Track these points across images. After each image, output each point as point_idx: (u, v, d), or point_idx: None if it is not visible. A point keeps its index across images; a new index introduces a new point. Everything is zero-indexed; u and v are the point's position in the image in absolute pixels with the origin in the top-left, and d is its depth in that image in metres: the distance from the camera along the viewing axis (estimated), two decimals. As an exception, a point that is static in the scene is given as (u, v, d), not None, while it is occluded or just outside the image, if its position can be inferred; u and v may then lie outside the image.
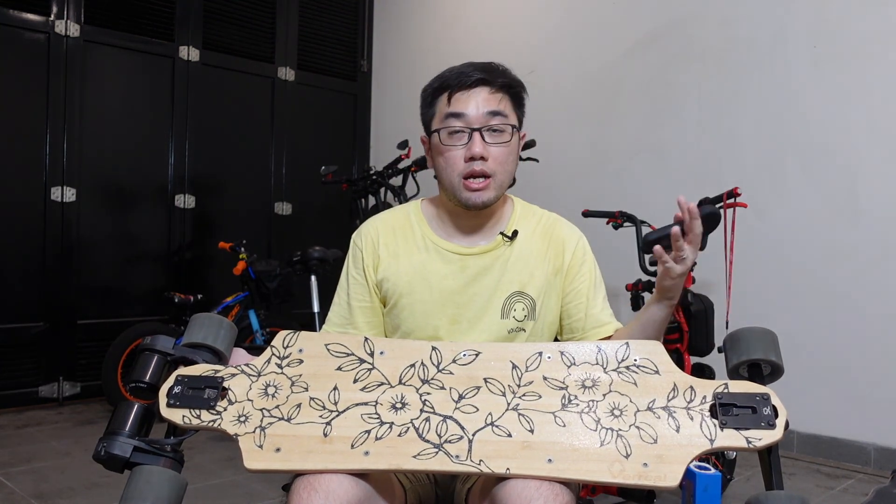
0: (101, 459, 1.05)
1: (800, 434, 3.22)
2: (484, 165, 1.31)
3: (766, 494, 1.01)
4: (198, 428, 1.11)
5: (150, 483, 1.00)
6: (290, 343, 1.18)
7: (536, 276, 1.38)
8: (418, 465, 1.05)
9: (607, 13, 3.97)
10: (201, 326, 1.20)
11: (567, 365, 1.14)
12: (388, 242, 1.41)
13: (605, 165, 3.95)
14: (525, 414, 1.09)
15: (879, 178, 3.05)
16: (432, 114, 1.36)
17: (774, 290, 3.32)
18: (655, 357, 1.13)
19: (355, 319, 1.42)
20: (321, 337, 1.20)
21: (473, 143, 1.30)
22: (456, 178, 1.32)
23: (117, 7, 4.10)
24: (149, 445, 1.07)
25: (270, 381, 1.14)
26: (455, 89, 1.32)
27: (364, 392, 1.13)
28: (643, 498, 2.23)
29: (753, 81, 3.42)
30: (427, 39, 4.92)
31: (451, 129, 1.32)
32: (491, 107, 1.31)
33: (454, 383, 1.13)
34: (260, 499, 2.60)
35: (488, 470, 1.04)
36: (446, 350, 1.17)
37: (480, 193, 1.32)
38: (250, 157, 4.67)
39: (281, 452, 1.07)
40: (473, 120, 1.31)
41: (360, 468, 1.07)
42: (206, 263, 4.45)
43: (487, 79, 1.32)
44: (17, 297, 3.83)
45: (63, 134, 3.94)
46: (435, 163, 1.37)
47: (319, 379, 1.15)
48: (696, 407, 1.06)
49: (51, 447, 3.17)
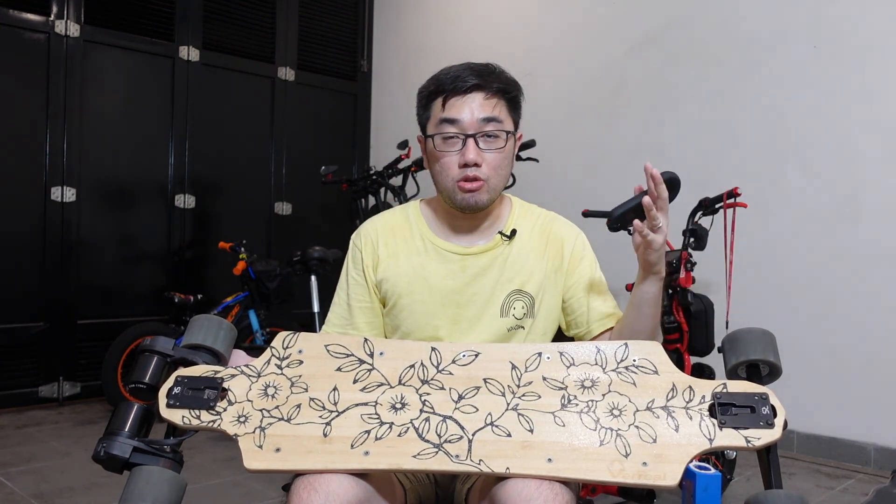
0: (101, 460, 1.05)
1: (800, 434, 3.22)
2: (478, 171, 1.31)
3: (766, 493, 1.01)
4: (197, 428, 1.11)
5: (149, 483, 1.00)
6: (289, 344, 1.19)
7: (535, 273, 1.38)
8: (418, 464, 1.05)
9: (607, 13, 3.97)
10: (201, 328, 1.20)
11: (566, 365, 1.14)
12: (388, 243, 1.42)
13: (605, 165, 3.95)
14: (524, 414, 1.09)
15: (879, 178, 3.05)
16: (427, 117, 1.36)
17: (774, 289, 3.32)
18: (654, 357, 1.14)
19: (355, 320, 1.43)
20: (321, 338, 1.20)
21: (467, 149, 1.30)
22: (450, 183, 1.33)
23: (117, 7, 4.10)
24: (148, 446, 1.07)
25: (270, 382, 1.15)
26: (450, 94, 1.31)
27: (364, 392, 1.13)
28: (643, 498, 2.23)
29: (753, 81, 3.42)
30: (427, 39, 4.92)
31: (446, 134, 1.31)
32: (485, 113, 1.31)
33: (454, 383, 1.13)
34: (260, 499, 2.60)
35: (488, 469, 1.04)
36: (446, 351, 1.17)
37: (474, 195, 1.32)
38: (250, 157, 4.68)
39: (281, 452, 1.07)
40: (468, 126, 1.30)
41: (360, 468, 1.07)
42: (206, 263, 4.45)
43: (482, 84, 1.31)
44: (17, 297, 3.83)
45: (63, 134, 3.94)
46: (430, 166, 1.38)
47: (319, 379, 1.15)
48: (694, 407, 1.07)
49: (51, 447, 3.17)
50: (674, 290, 2.57)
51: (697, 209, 2.63)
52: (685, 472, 1.04)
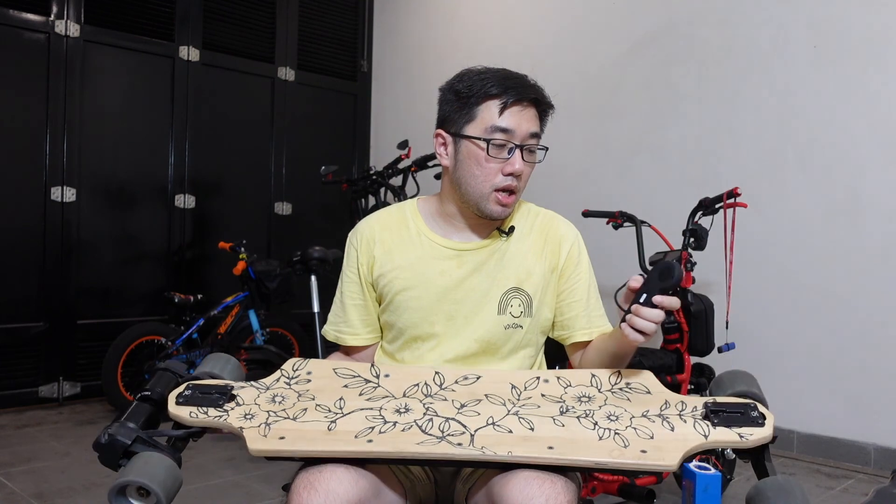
0: (102, 445, 1.07)
1: (800, 434, 3.22)
2: (516, 182, 1.33)
3: (763, 482, 1.03)
4: (203, 424, 1.13)
5: (147, 464, 1.03)
6: (299, 367, 1.25)
7: (534, 272, 1.38)
8: (421, 450, 1.06)
9: (607, 13, 3.97)
10: (210, 361, 1.29)
11: (563, 386, 1.21)
12: (384, 240, 1.42)
13: (605, 165, 3.95)
14: (525, 417, 1.13)
15: (879, 178, 3.06)
16: (472, 116, 1.32)
17: (774, 289, 3.32)
18: (647, 382, 1.21)
19: (349, 317, 1.44)
20: (330, 362, 1.27)
21: (515, 159, 1.31)
22: (487, 189, 1.32)
23: (117, 7, 4.10)
24: (150, 438, 1.09)
25: (278, 393, 1.19)
26: (513, 103, 1.30)
27: (369, 401, 1.17)
28: (643, 498, 2.23)
29: (753, 81, 3.42)
30: (427, 39, 4.92)
31: (497, 141, 1.30)
32: (534, 128, 1.33)
33: (456, 397, 1.18)
34: (260, 499, 2.60)
35: (491, 453, 1.06)
36: (449, 374, 1.23)
37: (506, 208, 1.34)
38: (250, 157, 4.68)
39: (285, 440, 1.09)
40: (518, 137, 1.31)
41: (364, 452, 1.07)
42: (206, 263, 4.45)
43: (539, 99, 1.33)
44: (17, 297, 3.83)
45: (63, 134, 3.94)
46: (463, 168, 1.34)
47: (326, 392, 1.20)
48: (687, 413, 1.12)
49: (51, 447, 3.17)
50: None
51: (697, 209, 2.63)
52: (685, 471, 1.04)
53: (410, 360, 1.38)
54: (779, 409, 3.14)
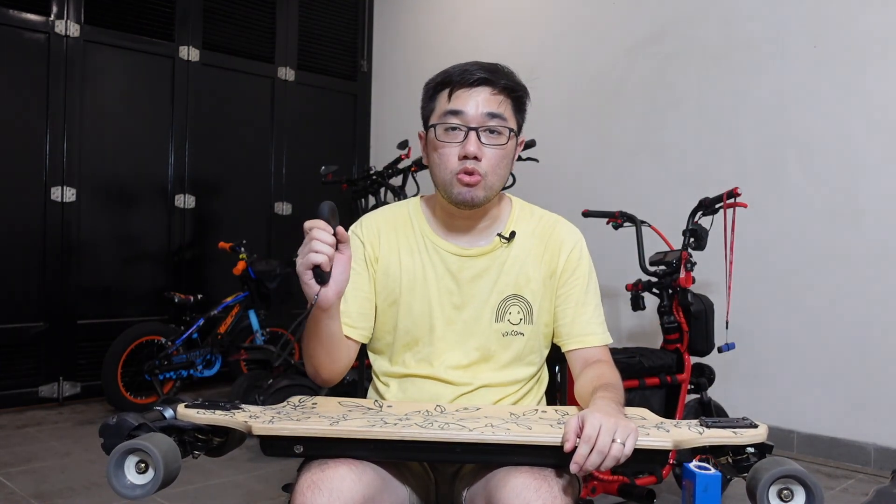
0: (109, 426, 1.08)
1: (800, 434, 3.22)
2: (476, 165, 1.29)
3: (761, 462, 1.06)
4: (210, 422, 1.13)
5: (151, 439, 1.04)
6: (304, 401, 1.29)
7: (533, 278, 1.37)
8: (423, 433, 1.07)
9: (607, 13, 3.97)
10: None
11: (561, 415, 1.23)
12: (390, 238, 1.40)
13: (605, 165, 3.95)
14: (523, 423, 1.16)
15: (879, 178, 3.06)
16: (432, 108, 1.35)
17: (774, 290, 3.32)
18: (644, 414, 1.25)
19: (349, 308, 1.36)
20: (335, 399, 1.32)
21: (469, 141, 1.28)
22: (448, 175, 1.31)
23: (117, 7, 4.10)
24: (155, 426, 1.11)
25: (282, 411, 1.23)
26: (457, 86, 1.30)
27: (371, 419, 1.20)
28: (643, 498, 2.23)
29: (753, 81, 3.42)
30: (427, 39, 4.92)
31: (448, 125, 1.30)
32: (491, 108, 1.30)
33: (456, 420, 1.19)
34: (260, 499, 2.60)
35: (490, 431, 1.08)
36: (450, 406, 1.28)
37: (471, 190, 1.29)
38: (250, 157, 4.68)
39: (289, 428, 1.11)
40: (471, 119, 1.29)
41: (366, 433, 1.08)
42: (206, 263, 4.45)
43: (490, 79, 1.30)
44: (17, 297, 3.83)
45: (63, 134, 3.94)
46: (429, 158, 1.36)
47: (329, 411, 1.24)
48: (683, 424, 1.17)
49: (51, 447, 3.17)
50: (674, 290, 2.58)
51: (697, 209, 2.63)
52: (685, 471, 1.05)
53: (411, 363, 1.38)
54: (779, 409, 3.17)
